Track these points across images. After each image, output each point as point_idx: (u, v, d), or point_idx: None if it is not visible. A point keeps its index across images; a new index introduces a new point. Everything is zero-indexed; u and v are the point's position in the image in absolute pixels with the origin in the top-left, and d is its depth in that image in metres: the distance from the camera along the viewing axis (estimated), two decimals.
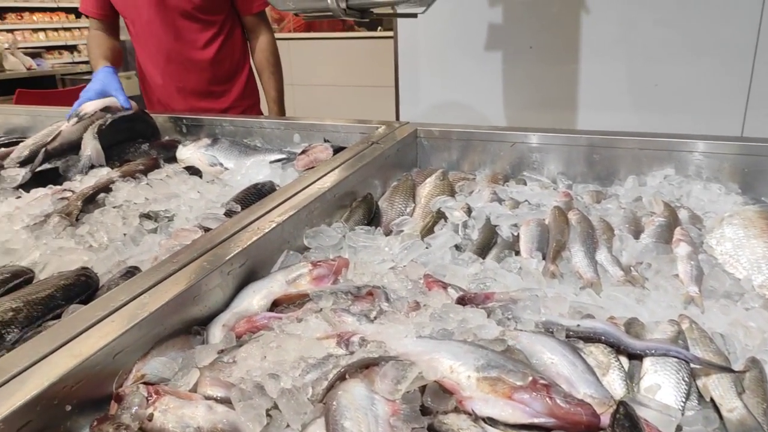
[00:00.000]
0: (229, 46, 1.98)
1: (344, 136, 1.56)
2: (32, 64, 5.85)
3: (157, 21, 1.84)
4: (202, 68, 1.95)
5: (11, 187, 1.28)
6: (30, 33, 10.18)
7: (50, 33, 10.60)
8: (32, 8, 10.25)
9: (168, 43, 1.88)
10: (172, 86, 1.97)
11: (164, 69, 1.95)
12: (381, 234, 1.04)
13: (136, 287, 0.71)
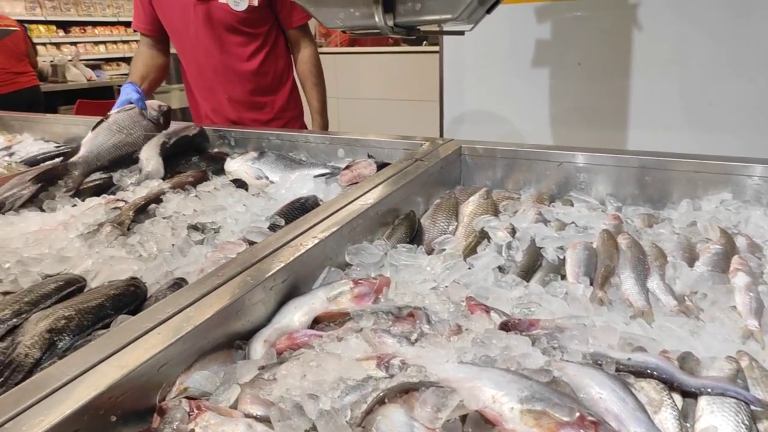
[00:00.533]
0: (272, 58, 2.04)
1: (388, 151, 1.56)
2: (92, 75, 6.14)
3: (204, 35, 1.91)
4: (247, 80, 2.00)
5: (68, 195, 1.33)
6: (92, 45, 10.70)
7: (110, 45, 11.11)
8: (94, 22, 10.79)
9: (214, 56, 1.95)
10: (218, 98, 2.03)
11: (211, 81, 2.01)
12: (423, 252, 1.03)
13: (182, 300, 0.73)
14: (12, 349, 0.68)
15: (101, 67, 6.94)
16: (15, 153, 1.86)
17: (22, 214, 1.22)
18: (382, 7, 1.17)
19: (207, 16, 1.87)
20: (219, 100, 2.03)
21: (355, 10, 1.27)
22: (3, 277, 0.91)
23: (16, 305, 0.75)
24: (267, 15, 1.94)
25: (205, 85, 2.02)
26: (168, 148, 1.53)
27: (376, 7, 1.17)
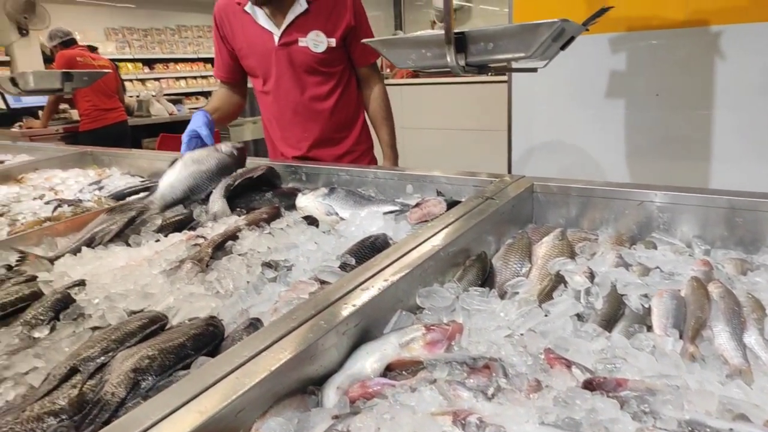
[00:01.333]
0: (346, 95, 2.13)
1: (457, 188, 1.55)
2: (174, 110, 6.52)
3: (286, 77, 2.02)
4: (324, 118, 2.09)
5: (151, 230, 1.40)
6: (173, 81, 11.43)
7: (190, 81, 11.82)
8: (176, 59, 11.53)
9: (294, 96, 2.05)
10: (295, 135, 2.13)
11: (289, 119, 2.11)
12: (495, 296, 1.00)
13: (258, 343, 0.74)
14: (100, 388, 0.71)
15: (182, 101, 7.36)
16: (104, 187, 1.99)
17: (110, 248, 1.29)
18: (454, 47, 1.17)
19: (288, 59, 1.99)
20: (297, 136, 2.12)
21: (426, 51, 1.29)
22: (92, 312, 0.96)
23: (104, 343, 0.79)
24: (342, 55, 2.04)
25: (284, 122, 2.12)
26: (233, 190, 1.58)
27: (448, 48, 1.17)
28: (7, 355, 0.84)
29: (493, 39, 1.17)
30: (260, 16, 1.98)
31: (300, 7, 1.95)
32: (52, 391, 0.71)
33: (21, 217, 1.64)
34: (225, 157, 1.67)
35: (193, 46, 11.84)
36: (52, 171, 2.26)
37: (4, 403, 0.74)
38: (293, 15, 1.95)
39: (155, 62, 11.23)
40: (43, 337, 0.91)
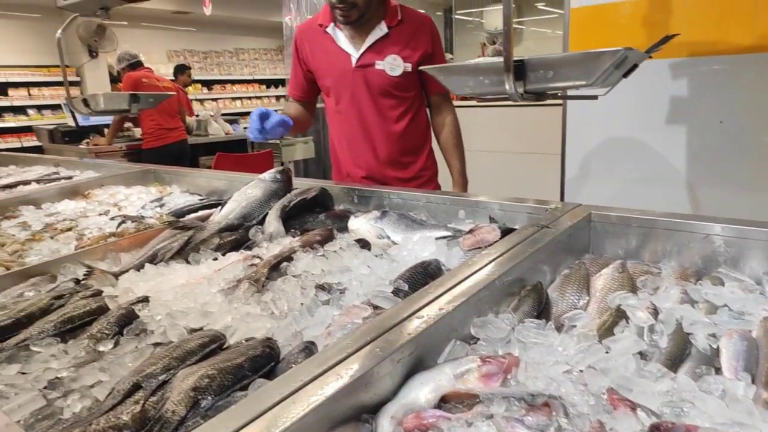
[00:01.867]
0: (417, 120, 2.19)
1: (510, 215, 1.53)
2: (230, 129, 6.74)
3: (360, 99, 2.09)
4: (394, 140, 2.14)
5: (210, 249, 1.44)
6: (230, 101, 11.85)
7: (245, 101, 12.24)
8: (233, 80, 11.97)
9: (369, 117, 2.11)
10: (365, 156, 2.18)
11: (361, 140, 2.16)
12: (552, 329, 0.98)
13: (314, 368, 0.74)
14: (161, 405, 0.73)
15: (237, 121, 7.61)
16: (165, 204, 2.07)
17: (171, 265, 1.34)
18: (513, 75, 1.17)
19: (364, 80, 2.06)
20: (365, 157, 2.17)
21: (484, 78, 1.29)
22: (154, 329, 1.00)
23: (166, 360, 0.81)
24: (415, 80, 2.10)
25: (354, 142, 2.18)
26: (288, 211, 1.62)
27: (507, 76, 1.17)
28: (75, 368, 0.88)
29: (554, 67, 1.16)
30: (341, 38, 2.06)
31: (380, 31, 2.02)
32: (117, 406, 0.74)
33: (87, 232, 1.72)
34: (270, 184, 1.72)
35: (249, 68, 12.28)
36: (116, 187, 2.36)
37: (72, 415, 0.78)
38: (373, 38, 2.02)
39: (213, 83, 11.68)
40: (107, 351, 0.94)
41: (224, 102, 11.61)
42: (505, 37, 1.18)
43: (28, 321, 1.04)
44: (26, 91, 8.88)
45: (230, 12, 10.17)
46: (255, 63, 12.41)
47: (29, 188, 2.47)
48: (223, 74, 11.74)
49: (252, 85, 12.23)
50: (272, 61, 12.82)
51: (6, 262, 1.44)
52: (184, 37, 11.31)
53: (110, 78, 9.02)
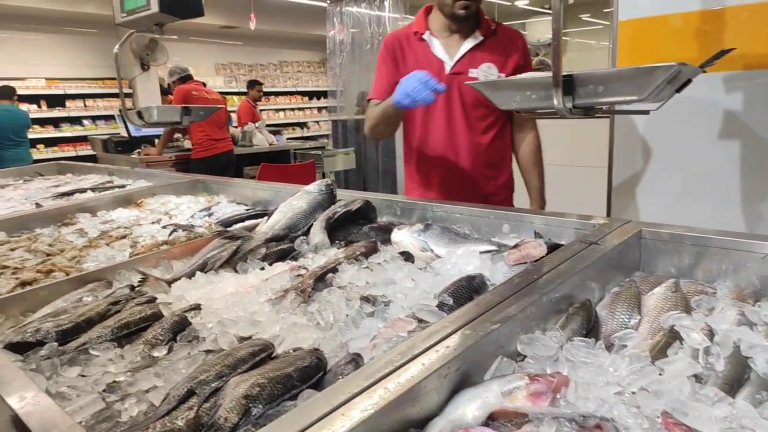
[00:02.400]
0: (501, 134, 2.20)
1: (556, 230, 1.51)
2: (273, 140, 6.88)
3: (453, 107, 2.11)
4: (480, 152, 2.15)
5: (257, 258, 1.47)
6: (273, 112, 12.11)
7: (288, 112, 12.48)
8: (277, 92, 12.23)
9: (457, 127, 2.12)
10: (447, 167, 2.18)
11: (444, 148, 2.16)
12: (602, 348, 0.96)
13: (362, 380, 0.75)
14: (214, 412, 0.75)
15: (281, 132, 7.77)
16: (213, 213, 2.12)
17: (221, 274, 1.37)
18: (562, 90, 1.16)
19: (458, 89, 2.09)
20: (447, 165, 2.17)
21: (531, 93, 1.28)
22: (206, 336, 1.03)
23: (218, 367, 0.83)
24: None
25: (437, 151, 2.17)
26: (332, 223, 1.64)
27: (555, 91, 1.16)
28: (131, 372, 0.92)
29: (605, 82, 1.14)
30: (436, 45, 2.09)
31: (475, 39, 2.06)
32: (171, 411, 0.76)
33: (141, 240, 1.79)
34: (315, 195, 1.75)
35: (293, 80, 12.54)
36: (167, 197, 2.45)
37: (129, 418, 0.81)
38: (468, 46, 2.05)
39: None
40: (161, 357, 0.98)
41: (268, 113, 11.86)
42: (553, 52, 1.17)
43: (87, 325, 1.08)
44: (82, 103, 9.32)
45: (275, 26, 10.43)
46: (298, 75, 12.67)
47: (85, 196, 2.58)
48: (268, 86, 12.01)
49: (295, 97, 12.48)
50: (315, 74, 13.06)
51: (65, 268, 1.51)
52: (231, 50, 11.65)
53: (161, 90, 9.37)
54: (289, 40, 12.18)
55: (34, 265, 1.54)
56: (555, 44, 1.17)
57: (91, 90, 9.33)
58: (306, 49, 12.77)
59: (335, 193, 1.82)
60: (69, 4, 8.38)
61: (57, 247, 1.73)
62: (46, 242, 1.77)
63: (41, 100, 8.87)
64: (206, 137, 5.50)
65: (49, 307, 1.28)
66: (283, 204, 1.74)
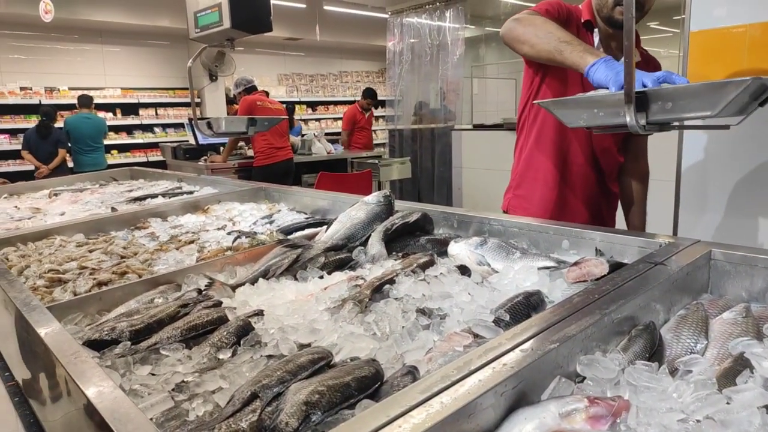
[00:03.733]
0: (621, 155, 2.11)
1: (619, 248, 1.47)
2: (331, 149, 7.01)
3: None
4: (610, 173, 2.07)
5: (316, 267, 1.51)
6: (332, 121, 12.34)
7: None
8: (336, 101, 12.46)
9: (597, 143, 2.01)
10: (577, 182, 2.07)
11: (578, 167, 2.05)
12: (666, 373, 0.93)
13: (419, 393, 0.76)
14: (276, 416, 0.78)
15: (338, 141, 7.91)
16: (274, 221, 2.20)
17: (281, 281, 1.42)
18: (634, 107, 1.13)
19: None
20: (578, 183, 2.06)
21: (599, 111, 1.26)
22: (267, 341, 1.07)
23: (280, 373, 0.87)
24: None
25: (572, 169, 2.05)
26: (390, 234, 1.66)
27: (628, 108, 1.14)
28: (198, 373, 0.96)
29: (680, 97, 1.11)
30: (599, 48, 1.94)
31: (636, 57, 1.91)
32: (236, 413, 0.80)
33: (207, 245, 1.87)
34: (374, 206, 1.77)
35: (352, 89, 12.74)
36: (231, 204, 2.55)
37: (195, 418, 0.85)
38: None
39: (318, 104, 12.24)
40: (226, 360, 1.02)
41: (326, 122, 12.11)
42: (626, 69, 1.14)
43: (158, 326, 1.15)
44: (154, 111, 9.83)
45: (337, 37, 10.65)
46: (357, 85, 12.87)
47: (157, 202, 2.73)
48: (327, 96, 12.27)
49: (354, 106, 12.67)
50: (373, 83, 13.23)
51: (138, 270, 1.61)
52: (294, 61, 11.99)
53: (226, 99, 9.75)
54: (349, 51, 12.41)
55: (110, 267, 1.65)
56: (627, 62, 1.14)
57: (163, 99, 9.84)
58: (366, 59, 12.98)
59: (393, 205, 1.84)
60: (146, 18, 8.88)
61: (130, 249, 1.84)
62: (120, 245, 1.88)
63: (117, 108, 9.44)
64: (268, 146, 5.68)
65: (122, 307, 1.36)
66: (342, 214, 1.77)
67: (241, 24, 2.04)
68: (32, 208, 2.80)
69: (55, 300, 1.43)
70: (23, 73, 8.66)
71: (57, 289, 1.51)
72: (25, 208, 2.82)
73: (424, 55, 7.56)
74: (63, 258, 1.75)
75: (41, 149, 7.13)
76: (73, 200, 3.02)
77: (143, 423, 0.75)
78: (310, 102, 11.91)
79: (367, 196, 1.85)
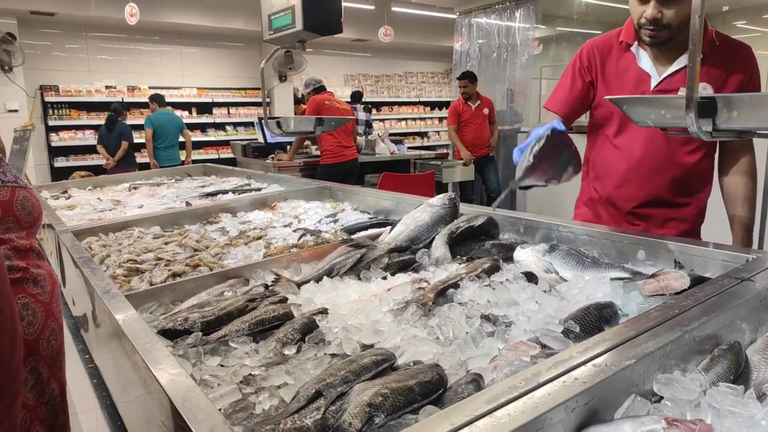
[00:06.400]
0: (708, 156, 1.92)
1: (701, 261, 1.39)
2: (395, 149, 7.03)
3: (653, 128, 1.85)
4: (682, 172, 1.91)
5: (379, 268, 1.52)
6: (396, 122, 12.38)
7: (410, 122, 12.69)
8: (400, 102, 12.49)
9: (654, 150, 1.89)
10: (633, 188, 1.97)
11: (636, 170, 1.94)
12: (753, 398, 0.86)
13: (485, 403, 0.74)
14: (339, 415, 0.78)
15: (402, 141, 7.91)
16: (338, 220, 2.22)
17: (345, 280, 1.43)
18: (695, 113, 1.06)
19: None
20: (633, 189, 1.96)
21: (666, 112, 1.20)
22: (331, 340, 1.08)
23: (344, 372, 0.87)
24: None
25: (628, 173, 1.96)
26: (455, 237, 1.64)
27: (688, 113, 1.07)
28: (265, 367, 0.98)
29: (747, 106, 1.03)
30: (643, 57, 1.88)
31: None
32: (301, 410, 0.80)
33: (274, 242, 1.92)
34: (438, 209, 1.75)
35: (417, 90, 12.74)
36: (297, 201, 2.60)
37: (262, 411, 0.87)
38: (682, 63, 1.82)
39: (382, 105, 12.32)
40: (291, 356, 1.04)
41: (391, 123, 12.16)
42: (689, 74, 1.08)
43: (227, 319, 1.18)
44: (226, 110, 10.21)
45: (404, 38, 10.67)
46: (422, 86, 12.86)
47: (227, 198, 2.83)
48: (392, 96, 12.32)
49: (417, 107, 12.67)
50: (438, 84, 13.18)
51: (210, 263, 1.67)
52: (360, 62, 12.13)
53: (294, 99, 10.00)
54: (415, 52, 12.41)
55: (184, 259, 1.72)
56: (691, 66, 1.07)
57: (235, 99, 10.21)
58: (432, 60, 12.94)
59: (458, 207, 1.82)
60: (221, 20, 9.24)
61: (203, 243, 1.91)
62: (194, 238, 1.96)
63: (192, 107, 9.87)
64: (337, 144, 5.77)
65: (194, 299, 1.42)
66: (406, 216, 1.77)
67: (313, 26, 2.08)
68: (113, 200, 2.98)
69: (132, 289, 1.51)
70: (108, 72, 9.22)
71: (134, 279, 1.59)
72: (106, 200, 3.00)
73: (491, 56, 7.45)
74: (141, 249, 1.84)
75: (109, 143, 7.59)
76: (151, 194, 3.18)
77: (213, 413, 0.78)
78: (374, 102, 12.00)
79: (431, 198, 1.84)
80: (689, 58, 1.13)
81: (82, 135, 8.84)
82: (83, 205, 2.87)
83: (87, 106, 8.84)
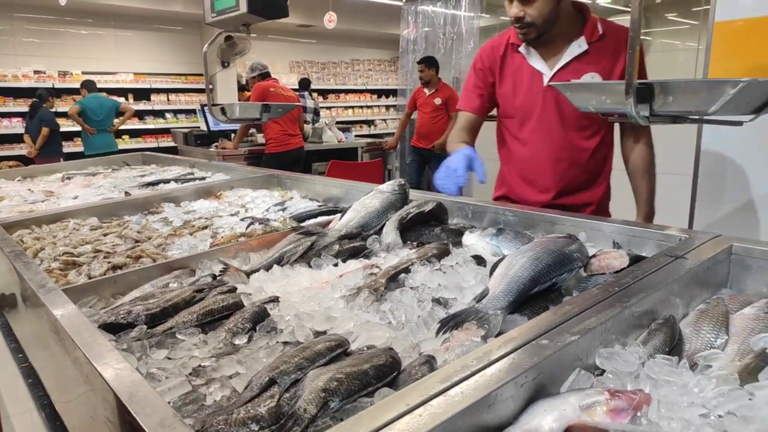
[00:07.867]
0: (606, 140, 2.06)
1: (638, 241, 1.45)
2: (342, 137, 7.00)
3: (550, 118, 2.00)
4: (584, 159, 2.03)
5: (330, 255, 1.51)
6: (342, 110, 12.30)
7: (357, 110, 12.64)
8: (347, 90, 12.41)
9: (557, 136, 2.01)
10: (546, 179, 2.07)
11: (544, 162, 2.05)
12: (686, 368, 0.91)
13: (439, 383, 0.75)
14: (294, 402, 0.77)
15: (349, 129, 7.88)
16: (287, 208, 2.19)
17: (296, 268, 1.42)
18: (634, 98, 1.11)
19: (555, 102, 1.97)
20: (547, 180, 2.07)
21: (606, 98, 1.25)
22: (283, 328, 1.06)
23: (297, 359, 0.86)
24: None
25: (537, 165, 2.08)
26: (405, 223, 1.66)
27: (627, 99, 1.12)
28: (215, 358, 0.96)
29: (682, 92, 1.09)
30: (533, 55, 1.98)
31: (578, 48, 1.91)
32: (254, 399, 0.79)
33: (221, 231, 1.87)
34: (389, 195, 1.76)
35: (363, 78, 12.68)
36: (244, 190, 2.54)
37: (213, 402, 0.85)
38: (570, 56, 1.92)
39: (329, 92, 12.19)
40: (242, 345, 1.02)
41: (338, 110, 12.07)
42: (629, 60, 1.13)
43: (173, 311, 1.15)
44: (166, 97, 9.84)
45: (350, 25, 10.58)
46: (369, 74, 12.80)
47: (169, 187, 2.73)
48: (339, 84, 12.22)
49: (364, 95, 12.62)
50: (385, 72, 13.16)
51: (153, 254, 1.61)
52: (306, 48, 11.94)
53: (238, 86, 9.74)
54: (362, 39, 12.33)
55: (124, 251, 1.65)
56: (631, 53, 1.12)
57: (174, 85, 9.85)
58: (378, 47, 12.90)
59: (408, 194, 1.83)
60: (158, 2, 8.86)
61: (144, 234, 1.84)
62: (135, 229, 1.88)
63: (129, 93, 9.45)
64: (282, 132, 5.67)
65: (137, 291, 1.37)
66: (356, 202, 1.76)
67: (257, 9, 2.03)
68: (45, 192, 2.82)
69: (70, 282, 1.44)
70: (37, 56, 8.69)
71: (72, 272, 1.51)
72: (38, 191, 2.84)
73: (437, 44, 7.50)
74: (77, 241, 1.75)
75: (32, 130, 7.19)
76: (86, 184, 3.03)
77: (161, 406, 0.75)
78: (321, 90, 11.86)
79: (381, 185, 1.84)
80: (629, 44, 1.17)
81: (9, 123, 8.31)
82: (12, 197, 2.71)
83: (14, 92, 8.31)
